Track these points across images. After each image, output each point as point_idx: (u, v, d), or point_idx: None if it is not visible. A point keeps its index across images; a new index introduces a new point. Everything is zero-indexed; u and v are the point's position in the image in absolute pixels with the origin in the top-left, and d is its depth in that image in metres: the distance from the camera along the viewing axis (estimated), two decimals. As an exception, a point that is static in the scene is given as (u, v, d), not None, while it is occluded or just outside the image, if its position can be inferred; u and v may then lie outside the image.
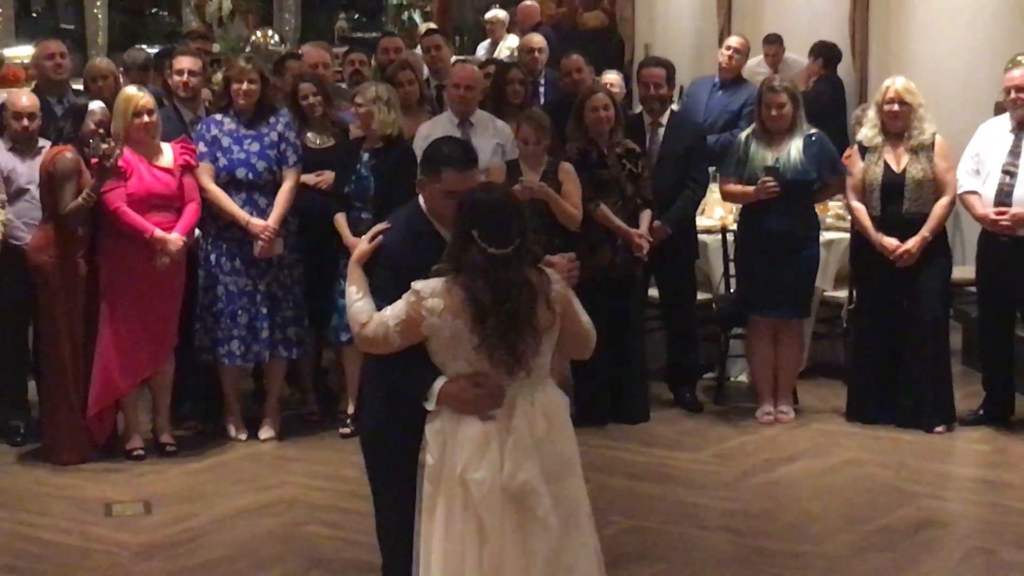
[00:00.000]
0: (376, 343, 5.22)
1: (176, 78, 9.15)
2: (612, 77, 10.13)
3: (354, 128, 8.90)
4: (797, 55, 13.18)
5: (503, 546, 5.15)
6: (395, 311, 5.12)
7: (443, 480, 5.18)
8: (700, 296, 9.64)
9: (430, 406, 5.18)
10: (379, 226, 5.50)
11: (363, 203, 8.55)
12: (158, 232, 8.12)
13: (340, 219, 8.56)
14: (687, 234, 9.34)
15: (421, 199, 5.49)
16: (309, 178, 8.78)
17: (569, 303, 5.28)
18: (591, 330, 5.41)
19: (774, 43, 13.31)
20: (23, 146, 8.49)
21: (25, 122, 8.48)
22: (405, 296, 5.10)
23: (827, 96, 12.29)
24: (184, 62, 9.24)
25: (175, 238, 8.17)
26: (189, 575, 6.92)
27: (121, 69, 10.19)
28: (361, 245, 5.53)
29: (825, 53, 12.63)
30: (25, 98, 8.68)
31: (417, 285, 5.08)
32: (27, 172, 8.41)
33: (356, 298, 5.32)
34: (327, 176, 8.76)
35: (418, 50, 12.29)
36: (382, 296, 5.23)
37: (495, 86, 9.68)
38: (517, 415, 5.15)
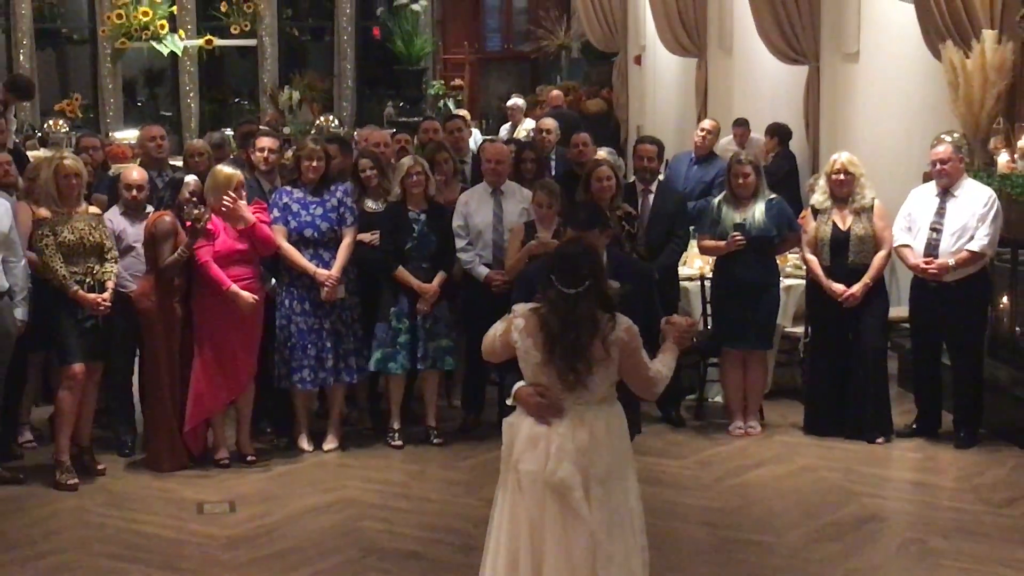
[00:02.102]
0: (488, 352, 5.53)
1: (258, 155, 9.16)
2: (602, 154, 10.12)
3: (395, 193, 8.89)
4: (759, 134, 13.21)
5: (544, 529, 5.24)
6: (500, 326, 5.39)
7: (508, 464, 5.35)
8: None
9: (509, 402, 5.40)
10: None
11: (423, 256, 8.63)
12: (232, 287, 8.15)
13: (403, 272, 8.60)
14: (672, 280, 9.32)
15: None
16: (365, 236, 8.79)
17: (634, 351, 5.31)
18: (656, 378, 5.42)
19: (742, 126, 13.38)
20: (133, 212, 8.53)
21: (135, 192, 8.53)
22: (507, 315, 5.38)
23: (783, 168, 12.30)
24: (265, 141, 9.26)
25: (246, 297, 8.19)
26: (266, 562, 6.92)
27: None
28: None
29: (779, 132, 12.64)
30: (136, 173, 8.72)
31: (516, 307, 5.38)
32: (135, 233, 8.44)
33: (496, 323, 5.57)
34: (377, 236, 8.79)
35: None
36: None
37: (514, 161, 9.70)
38: (564, 425, 5.26)
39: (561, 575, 5.21)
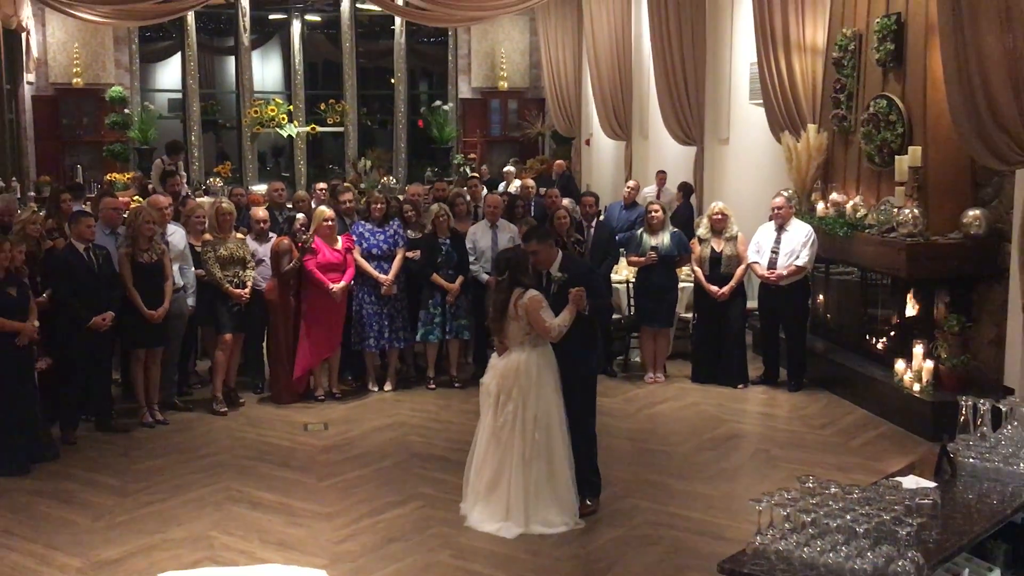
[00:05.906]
0: None
1: (342, 206, 9.18)
2: (565, 202, 10.11)
3: (429, 226, 8.86)
4: (671, 188, 13.19)
5: (483, 418, 5.59)
6: None
7: None
8: (615, 316, 9.64)
9: None
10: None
11: (449, 266, 8.61)
12: (331, 284, 8.18)
13: (437, 276, 8.57)
14: (608, 284, 9.24)
15: None
16: (410, 253, 8.78)
17: (533, 311, 5.41)
18: (549, 328, 5.43)
19: (662, 173, 13.36)
20: (260, 237, 8.53)
21: (261, 224, 8.55)
22: None
23: (685, 214, 12.29)
24: (346, 196, 9.28)
25: (338, 288, 8.21)
26: (347, 462, 6.94)
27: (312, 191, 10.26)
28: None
29: (685, 189, 12.62)
30: (261, 212, 8.74)
31: None
32: (263, 251, 8.45)
33: None
34: (418, 253, 8.77)
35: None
36: None
37: (508, 207, 9.67)
38: (502, 358, 5.51)
39: (480, 446, 5.58)
